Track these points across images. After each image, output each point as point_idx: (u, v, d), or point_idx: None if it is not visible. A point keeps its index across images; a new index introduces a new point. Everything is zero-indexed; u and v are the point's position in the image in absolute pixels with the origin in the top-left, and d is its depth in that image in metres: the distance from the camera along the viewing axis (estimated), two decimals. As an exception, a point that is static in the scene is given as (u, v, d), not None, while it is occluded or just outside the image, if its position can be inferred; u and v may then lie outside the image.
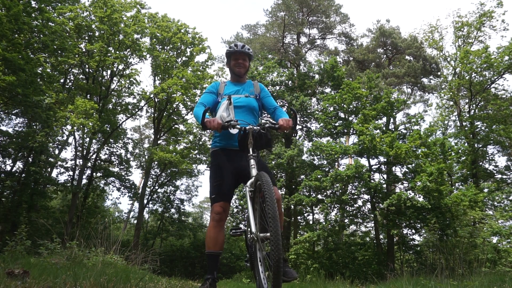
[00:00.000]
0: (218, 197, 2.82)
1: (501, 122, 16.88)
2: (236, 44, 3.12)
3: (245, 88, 3.14)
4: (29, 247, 6.04)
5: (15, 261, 4.16)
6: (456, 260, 6.57)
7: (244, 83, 3.20)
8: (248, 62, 3.18)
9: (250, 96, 3.08)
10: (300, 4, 21.63)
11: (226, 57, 3.22)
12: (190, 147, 21.01)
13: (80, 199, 18.87)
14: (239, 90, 3.10)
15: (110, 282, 2.74)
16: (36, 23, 13.63)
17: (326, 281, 7.00)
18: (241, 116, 2.91)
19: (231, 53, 3.13)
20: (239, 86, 3.15)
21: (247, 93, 3.09)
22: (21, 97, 12.61)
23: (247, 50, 3.12)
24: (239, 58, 3.13)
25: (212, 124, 2.67)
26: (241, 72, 3.14)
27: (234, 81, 3.20)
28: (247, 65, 3.17)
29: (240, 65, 3.12)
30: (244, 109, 2.99)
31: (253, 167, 2.56)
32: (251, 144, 2.64)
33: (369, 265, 13.46)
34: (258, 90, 3.16)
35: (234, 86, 3.14)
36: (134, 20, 19.25)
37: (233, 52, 3.12)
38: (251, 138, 2.65)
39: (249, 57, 3.17)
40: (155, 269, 7.31)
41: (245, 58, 3.15)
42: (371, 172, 14.35)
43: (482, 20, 18.14)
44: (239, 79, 3.18)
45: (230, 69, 3.17)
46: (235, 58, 3.14)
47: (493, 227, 11.76)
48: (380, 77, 18.97)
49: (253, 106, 3.04)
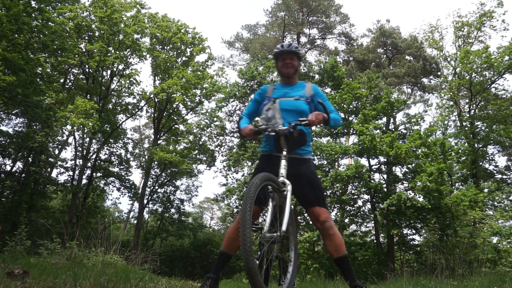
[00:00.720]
0: None
1: (501, 122, 16.88)
2: (283, 44, 2.97)
3: (295, 90, 2.95)
4: (29, 247, 6.05)
5: (15, 261, 4.16)
6: (456, 260, 6.57)
7: (295, 85, 3.00)
8: (297, 62, 2.98)
9: (300, 99, 2.87)
10: (300, 4, 21.63)
11: (273, 59, 3.08)
12: (190, 147, 21.01)
13: (80, 199, 18.87)
14: (288, 93, 2.92)
15: (110, 282, 2.74)
16: (36, 23, 13.62)
17: (326, 281, 7.00)
18: (289, 120, 2.75)
19: (278, 54, 2.97)
20: (289, 88, 2.97)
21: (297, 96, 2.88)
22: (21, 97, 12.60)
23: (295, 49, 2.93)
24: (286, 58, 2.94)
25: (245, 132, 2.68)
26: (289, 72, 2.95)
27: (284, 83, 3.02)
28: (296, 64, 2.97)
29: (288, 65, 2.94)
30: (293, 113, 2.80)
31: (283, 167, 2.50)
32: (284, 145, 2.58)
33: (369, 265, 13.46)
34: (310, 93, 2.94)
35: (283, 89, 2.97)
36: (134, 20, 19.25)
37: (279, 53, 2.96)
38: (283, 139, 2.58)
39: (298, 56, 2.97)
40: (155, 269, 7.31)
41: (293, 58, 2.95)
42: (371, 172, 14.35)
43: (482, 20, 18.15)
44: (289, 80, 2.99)
45: (278, 70, 3.03)
46: (283, 59, 2.95)
47: (493, 227, 11.76)
48: (380, 77, 18.97)
49: (303, 110, 2.82)
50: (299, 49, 2.97)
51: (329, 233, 2.60)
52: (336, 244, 2.60)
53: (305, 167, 2.74)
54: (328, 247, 2.65)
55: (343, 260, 2.61)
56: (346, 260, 2.63)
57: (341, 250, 2.60)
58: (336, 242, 2.60)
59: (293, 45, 2.94)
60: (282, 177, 2.44)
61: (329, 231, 2.60)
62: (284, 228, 2.19)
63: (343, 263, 2.62)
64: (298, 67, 3.00)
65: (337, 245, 2.60)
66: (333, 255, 2.64)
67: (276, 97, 2.86)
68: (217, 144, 19.44)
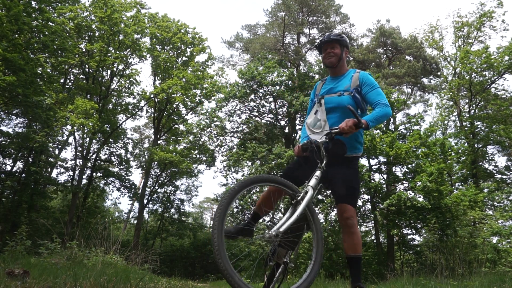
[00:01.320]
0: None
1: (501, 122, 16.88)
2: (324, 34, 2.89)
3: (341, 83, 2.73)
4: (29, 247, 6.05)
5: (15, 261, 4.16)
6: (456, 260, 6.56)
7: (342, 76, 2.78)
8: (339, 49, 2.76)
9: (343, 93, 2.66)
10: (300, 4, 21.63)
11: (318, 53, 2.93)
12: (190, 147, 21.01)
13: (80, 199, 18.87)
14: (333, 88, 2.74)
15: (110, 282, 2.74)
16: (36, 23, 13.63)
17: (326, 281, 6.99)
18: (334, 119, 2.63)
19: (320, 47, 2.82)
20: (335, 81, 2.78)
21: (340, 91, 2.68)
22: (21, 97, 12.61)
23: (336, 37, 2.76)
24: (327, 47, 2.76)
25: (296, 153, 2.69)
26: (332, 62, 2.75)
27: (332, 75, 2.84)
28: (339, 52, 2.75)
29: (330, 54, 2.75)
30: (338, 111, 2.64)
31: (316, 177, 2.40)
32: (325, 156, 2.48)
33: (369, 265, 13.47)
34: (356, 83, 2.68)
35: (330, 83, 2.80)
36: (134, 20, 19.26)
37: (320, 45, 2.80)
38: (323, 151, 2.48)
39: (340, 42, 2.76)
40: (155, 269, 7.31)
41: (335, 46, 2.75)
42: (371, 172, 14.36)
43: (482, 20, 18.15)
44: (335, 71, 2.80)
45: (324, 63, 2.85)
46: (324, 50, 2.78)
47: (493, 227, 11.76)
48: (380, 77, 18.96)
49: (348, 106, 2.56)
50: (341, 36, 2.78)
51: (350, 231, 2.61)
52: (353, 243, 2.61)
53: (346, 165, 2.68)
54: (345, 243, 2.66)
55: (355, 260, 2.63)
56: (358, 261, 2.64)
57: (357, 250, 2.62)
58: (354, 241, 2.61)
59: (334, 33, 2.82)
60: (309, 186, 2.35)
61: (351, 228, 2.61)
62: (282, 229, 2.10)
63: (354, 263, 2.64)
64: (342, 54, 2.77)
65: (354, 244, 2.61)
66: (347, 253, 2.65)
67: (323, 95, 2.74)
68: (217, 144, 19.46)
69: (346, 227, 2.62)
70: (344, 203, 2.62)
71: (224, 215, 1.99)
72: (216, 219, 1.95)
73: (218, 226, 1.94)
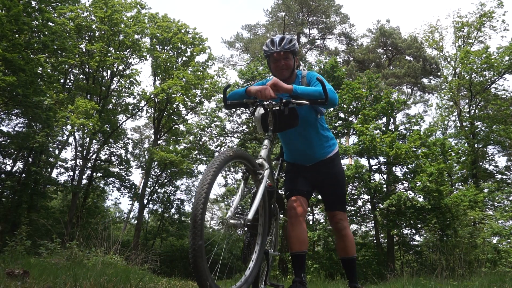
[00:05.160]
0: (292, 192, 2.58)
1: (501, 122, 16.88)
2: (273, 40, 2.54)
3: None
4: (29, 247, 6.05)
5: (15, 261, 4.16)
6: (456, 261, 6.56)
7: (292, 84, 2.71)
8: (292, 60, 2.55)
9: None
10: (300, 4, 21.64)
11: (265, 57, 2.70)
12: (190, 147, 21.01)
13: (80, 199, 18.86)
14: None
15: (110, 282, 2.74)
16: (36, 23, 13.63)
17: (326, 281, 6.99)
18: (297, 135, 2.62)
19: (269, 55, 2.55)
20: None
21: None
22: (21, 98, 12.60)
23: (289, 45, 2.49)
24: (279, 58, 2.52)
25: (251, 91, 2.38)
26: (285, 75, 2.57)
27: None
28: (291, 63, 2.56)
29: (282, 67, 2.56)
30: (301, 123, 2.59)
31: (264, 147, 2.22)
32: (271, 123, 2.31)
33: (369, 265, 13.45)
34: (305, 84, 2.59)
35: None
36: (134, 21, 19.26)
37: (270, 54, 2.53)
38: (270, 116, 2.31)
39: (294, 52, 2.53)
40: (155, 269, 7.30)
41: (288, 56, 2.53)
42: (371, 172, 14.35)
43: (482, 20, 18.17)
44: (285, 82, 2.55)
45: (273, 75, 2.60)
46: (275, 60, 2.53)
47: (493, 228, 11.77)
48: (380, 77, 18.97)
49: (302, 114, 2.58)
50: (293, 44, 2.46)
51: (341, 234, 2.65)
52: (345, 245, 2.64)
53: (329, 168, 2.64)
54: (337, 245, 2.72)
55: (349, 262, 2.66)
56: (352, 262, 2.66)
57: (349, 252, 2.64)
58: (346, 243, 2.64)
59: (286, 40, 2.45)
60: (261, 158, 2.15)
61: (342, 231, 2.64)
62: (250, 216, 1.87)
63: (348, 264, 2.67)
64: (294, 65, 2.52)
65: (347, 247, 2.64)
66: (341, 255, 2.69)
67: None
68: (217, 144, 19.45)
69: (337, 230, 2.66)
70: (335, 211, 2.66)
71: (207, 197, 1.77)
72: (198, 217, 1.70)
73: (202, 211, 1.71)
